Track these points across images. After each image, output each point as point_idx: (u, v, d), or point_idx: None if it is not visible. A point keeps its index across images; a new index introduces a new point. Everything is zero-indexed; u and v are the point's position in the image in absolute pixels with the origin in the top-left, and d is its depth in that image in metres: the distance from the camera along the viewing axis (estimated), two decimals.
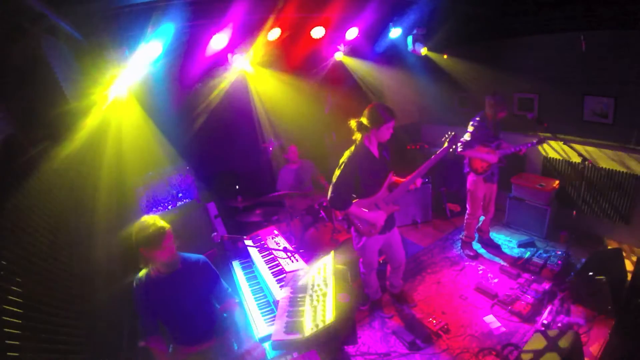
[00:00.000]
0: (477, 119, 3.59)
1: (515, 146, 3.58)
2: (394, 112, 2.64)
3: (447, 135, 3.00)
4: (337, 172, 2.69)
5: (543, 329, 2.88)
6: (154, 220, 1.99)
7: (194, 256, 2.21)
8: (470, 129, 3.58)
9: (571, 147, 3.45)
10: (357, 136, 2.72)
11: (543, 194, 4.11)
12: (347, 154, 2.73)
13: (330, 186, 2.69)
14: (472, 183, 3.80)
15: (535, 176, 4.42)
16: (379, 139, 2.72)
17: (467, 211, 3.98)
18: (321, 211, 4.06)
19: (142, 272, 2.10)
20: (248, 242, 3.37)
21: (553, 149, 4.37)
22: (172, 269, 2.08)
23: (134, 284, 2.09)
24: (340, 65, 4.99)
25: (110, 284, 2.45)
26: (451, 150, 2.96)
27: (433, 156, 2.86)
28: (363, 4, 3.75)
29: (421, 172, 2.83)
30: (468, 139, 3.55)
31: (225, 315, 2.34)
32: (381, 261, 3.51)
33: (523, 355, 2.35)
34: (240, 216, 3.91)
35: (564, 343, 2.28)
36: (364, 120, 2.64)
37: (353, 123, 2.67)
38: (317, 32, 3.98)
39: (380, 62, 5.30)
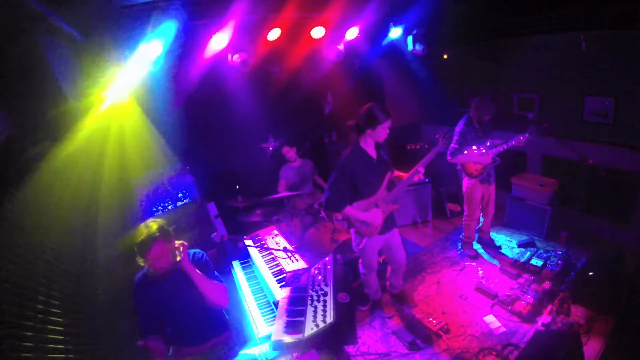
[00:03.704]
0: (462, 123, 3.57)
1: (508, 141, 3.47)
2: (389, 111, 2.64)
3: (441, 133, 3.05)
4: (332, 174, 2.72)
5: (543, 328, 2.88)
6: (149, 226, 1.96)
7: (191, 252, 2.20)
8: (456, 136, 3.56)
9: (571, 147, 3.44)
10: (355, 137, 2.73)
11: (543, 194, 4.10)
12: (344, 155, 2.75)
13: (326, 187, 2.73)
14: (467, 186, 3.78)
15: (535, 176, 4.42)
16: (375, 139, 2.72)
17: (465, 213, 3.96)
18: (321, 211, 4.06)
19: (143, 271, 2.09)
20: (248, 242, 3.37)
21: (553, 149, 4.37)
22: (166, 275, 2.06)
23: (134, 282, 2.09)
24: (340, 65, 4.99)
25: (111, 283, 2.45)
26: (444, 149, 3.00)
27: (428, 153, 2.90)
28: (363, 4, 3.76)
29: (419, 168, 2.85)
30: (455, 146, 3.54)
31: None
32: (381, 261, 3.50)
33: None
34: (240, 216, 3.91)
35: (564, 343, 2.28)
36: (360, 121, 2.66)
37: (350, 125, 2.70)
38: (317, 32, 3.98)
39: (380, 62, 5.30)
